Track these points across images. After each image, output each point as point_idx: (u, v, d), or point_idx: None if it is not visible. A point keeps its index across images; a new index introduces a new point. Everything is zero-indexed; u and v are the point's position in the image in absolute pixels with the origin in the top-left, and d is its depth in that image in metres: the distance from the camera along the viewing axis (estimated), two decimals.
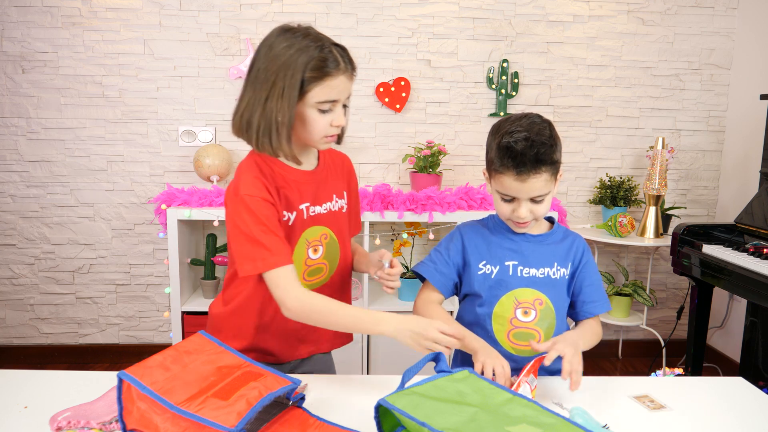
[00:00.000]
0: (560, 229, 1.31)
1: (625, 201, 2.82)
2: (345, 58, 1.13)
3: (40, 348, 2.94)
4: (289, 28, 1.13)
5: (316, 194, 1.25)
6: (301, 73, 1.09)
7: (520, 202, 1.18)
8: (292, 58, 1.09)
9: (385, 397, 0.81)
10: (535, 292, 1.23)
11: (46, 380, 1.12)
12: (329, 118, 1.16)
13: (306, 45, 1.09)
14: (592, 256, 1.31)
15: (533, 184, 1.15)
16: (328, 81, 1.11)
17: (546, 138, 1.15)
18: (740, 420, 1.05)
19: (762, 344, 2.41)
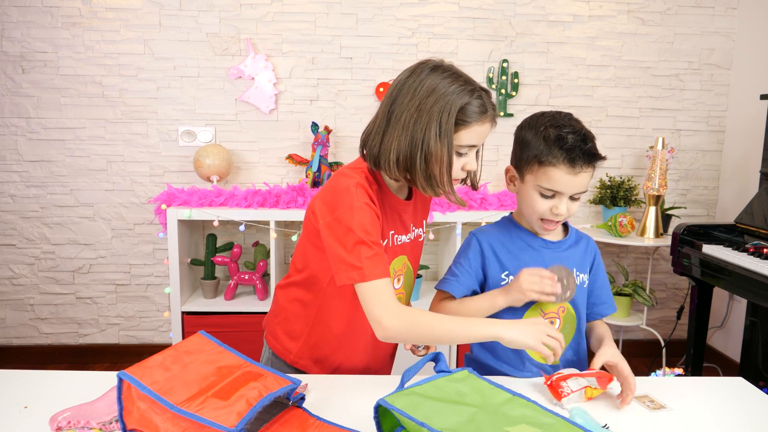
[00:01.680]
0: (573, 231, 1.30)
1: (625, 201, 2.82)
2: (491, 105, 1.12)
3: (40, 348, 2.94)
4: (439, 66, 1.12)
5: (404, 223, 1.25)
6: (455, 115, 1.08)
7: (562, 198, 1.16)
8: (449, 100, 1.07)
9: (384, 397, 0.81)
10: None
11: (46, 380, 1.12)
12: (463, 162, 1.14)
13: (459, 88, 1.08)
14: (601, 257, 1.32)
15: (583, 178, 1.15)
16: (475, 126, 1.10)
17: (590, 135, 1.17)
18: (740, 420, 1.05)
19: (762, 344, 2.41)
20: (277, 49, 2.79)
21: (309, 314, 1.25)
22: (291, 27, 2.78)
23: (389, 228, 1.20)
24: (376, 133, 1.15)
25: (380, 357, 1.33)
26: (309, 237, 1.20)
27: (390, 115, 1.13)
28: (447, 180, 1.11)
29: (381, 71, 2.83)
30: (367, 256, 1.06)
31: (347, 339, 1.25)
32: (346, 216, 1.08)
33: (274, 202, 2.54)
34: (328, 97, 2.84)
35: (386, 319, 1.04)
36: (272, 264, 2.55)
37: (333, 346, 1.25)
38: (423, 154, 1.09)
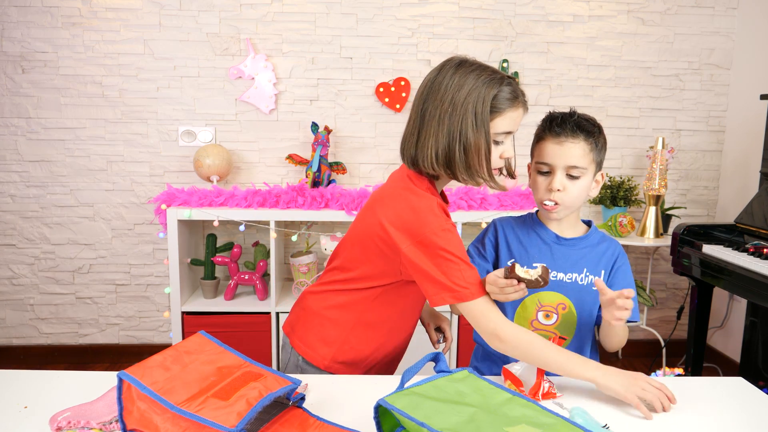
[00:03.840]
0: (597, 233, 1.30)
1: (625, 201, 2.82)
2: (520, 91, 1.16)
3: (40, 348, 2.94)
4: (465, 61, 1.17)
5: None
6: (489, 104, 1.11)
7: (555, 172, 1.19)
8: (481, 89, 1.11)
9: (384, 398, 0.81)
10: (559, 296, 1.23)
11: (46, 380, 1.12)
12: (500, 150, 1.16)
13: (488, 78, 1.12)
14: (628, 264, 1.28)
15: (570, 149, 1.17)
16: (509, 113, 1.13)
17: (589, 118, 1.22)
18: (740, 420, 1.05)
19: (762, 344, 2.41)
20: (277, 49, 2.79)
21: (347, 319, 1.25)
22: (291, 27, 2.78)
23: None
24: (411, 134, 1.18)
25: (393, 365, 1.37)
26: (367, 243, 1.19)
27: (423, 114, 1.15)
28: (487, 169, 1.13)
29: (381, 71, 2.83)
30: (467, 276, 1.10)
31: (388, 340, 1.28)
32: (439, 239, 1.10)
33: (274, 202, 2.54)
34: (328, 97, 2.84)
35: (504, 332, 1.09)
36: (272, 264, 2.55)
37: (372, 347, 1.27)
38: (462, 146, 1.11)
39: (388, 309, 1.24)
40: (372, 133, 2.88)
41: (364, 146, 2.89)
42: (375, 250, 1.17)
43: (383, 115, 2.87)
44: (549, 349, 1.09)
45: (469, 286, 1.10)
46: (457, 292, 1.09)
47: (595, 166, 1.22)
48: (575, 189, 1.19)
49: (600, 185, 1.27)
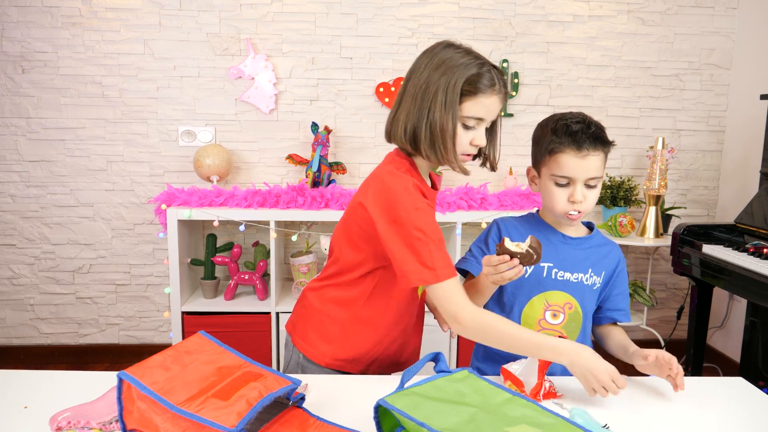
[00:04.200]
0: (599, 235, 1.32)
1: (625, 201, 2.82)
2: (501, 80, 1.15)
3: (40, 348, 2.94)
4: (452, 44, 1.16)
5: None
6: (461, 87, 1.12)
7: (576, 184, 1.19)
8: (455, 71, 1.12)
9: (384, 398, 0.81)
10: (566, 295, 1.24)
11: (46, 380, 1.12)
12: (471, 135, 1.16)
13: (468, 61, 1.12)
14: (626, 267, 1.33)
15: (592, 162, 1.18)
16: (481, 98, 1.13)
17: (598, 123, 1.22)
18: (740, 420, 1.05)
19: (762, 344, 2.41)
20: (277, 49, 2.79)
21: (345, 316, 1.25)
22: (291, 27, 2.78)
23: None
24: (392, 110, 1.22)
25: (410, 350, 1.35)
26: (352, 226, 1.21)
27: (404, 91, 1.18)
28: (451, 149, 1.14)
29: (381, 71, 2.83)
30: (438, 256, 1.10)
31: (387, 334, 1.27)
32: (410, 217, 1.10)
33: (274, 202, 2.54)
34: (328, 97, 2.84)
35: (462, 315, 1.09)
36: (272, 264, 2.55)
37: (371, 344, 1.26)
38: (429, 125, 1.13)
39: (383, 304, 1.25)
40: (372, 133, 2.88)
41: (364, 146, 2.89)
42: (359, 232, 1.19)
43: (383, 115, 2.87)
44: (514, 334, 1.09)
45: (436, 267, 1.09)
46: (423, 273, 1.09)
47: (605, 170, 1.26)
48: (593, 196, 1.22)
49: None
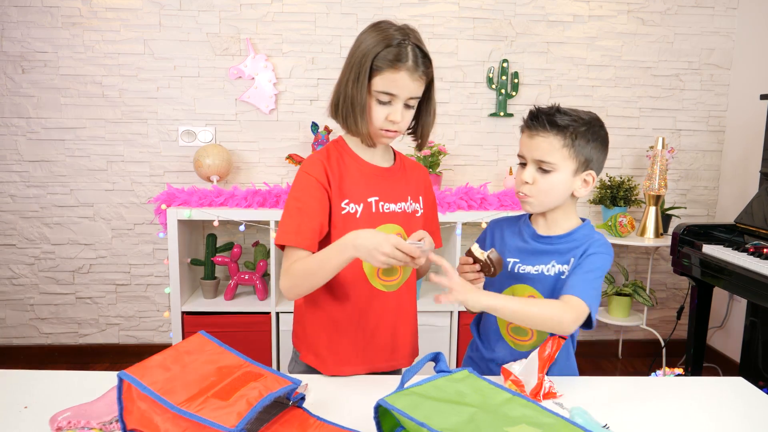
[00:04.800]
0: (581, 232, 1.22)
1: (625, 201, 2.82)
2: (418, 58, 1.15)
3: (40, 348, 2.94)
4: (383, 21, 1.20)
5: (388, 191, 1.25)
6: (371, 60, 1.15)
7: (528, 164, 1.18)
8: (369, 46, 1.17)
9: (384, 398, 0.81)
10: (528, 288, 1.22)
11: (46, 380, 1.12)
12: (386, 111, 1.17)
13: (384, 37, 1.16)
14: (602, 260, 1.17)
15: (539, 143, 1.16)
16: (389, 73, 1.15)
17: (578, 116, 1.16)
18: (740, 420, 1.05)
19: (762, 344, 2.41)
20: (277, 49, 2.79)
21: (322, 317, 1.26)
22: (291, 27, 2.78)
23: (368, 194, 1.23)
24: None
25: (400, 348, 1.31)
26: None
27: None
28: (363, 123, 1.18)
29: None
30: (289, 222, 1.18)
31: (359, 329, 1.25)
32: (293, 188, 1.22)
33: (274, 202, 2.54)
34: (328, 97, 2.82)
35: (281, 281, 1.17)
36: (272, 264, 2.55)
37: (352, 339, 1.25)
38: (343, 98, 1.19)
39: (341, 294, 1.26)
40: None
41: None
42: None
43: None
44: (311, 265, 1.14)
45: (288, 231, 1.16)
46: (278, 234, 1.18)
47: (577, 164, 1.16)
48: (545, 183, 1.17)
49: (590, 186, 1.19)
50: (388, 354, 1.29)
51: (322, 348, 1.25)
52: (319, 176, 1.20)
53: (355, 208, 1.21)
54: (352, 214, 1.21)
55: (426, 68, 1.17)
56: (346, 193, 1.21)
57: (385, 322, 1.28)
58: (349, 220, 1.21)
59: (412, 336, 1.36)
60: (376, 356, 1.28)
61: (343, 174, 1.22)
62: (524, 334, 1.23)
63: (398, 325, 1.30)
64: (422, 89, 1.19)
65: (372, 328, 1.26)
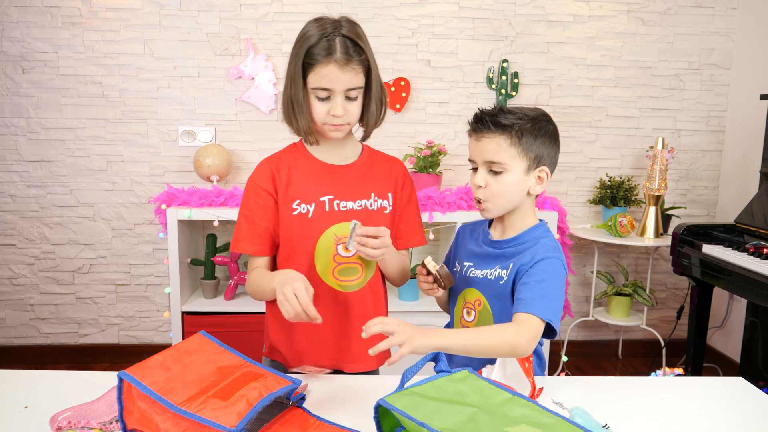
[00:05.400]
0: (531, 235, 1.18)
1: (625, 201, 2.82)
2: (349, 49, 1.14)
3: (40, 348, 2.94)
4: (319, 17, 1.19)
5: (345, 188, 1.25)
6: (302, 58, 1.15)
7: (479, 167, 1.16)
8: (301, 44, 1.16)
9: (384, 398, 0.81)
10: (475, 292, 1.21)
11: (46, 380, 1.12)
12: (327, 107, 1.17)
13: (312, 33, 1.15)
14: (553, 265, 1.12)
15: (486, 144, 1.13)
16: (318, 69, 1.14)
17: (523, 114, 1.13)
18: (740, 420, 1.05)
19: (762, 344, 2.41)
20: (277, 49, 2.79)
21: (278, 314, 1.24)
22: (291, 27, 2.77)
23: (320, 193, 1.23)
24: None
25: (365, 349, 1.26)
26: None
27: None
28: (304, 121, 1.19)
29: (381, 71, 2.81)
30: (240, 229, 1.24)
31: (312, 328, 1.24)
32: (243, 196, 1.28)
33: None
34: None
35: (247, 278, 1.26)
36: None
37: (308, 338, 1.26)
38: (286, 99, 1.20)
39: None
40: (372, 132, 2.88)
41: None
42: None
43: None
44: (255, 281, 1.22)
45: (238, 239, 1.24)
46: (231, 242, 1.25)
47: (528, 161, 1.13)
48: (498, 185, 1.14)
49: (544, 182, 1.17)
50: (351, 354, 1.27)
51: (282, 345, 1.28)
52: (263, 182, 1.23)
53: (306, 208, 1.21)
54: (304, 214, 1.21)
55: (359, 57, 1.16)
56: (296, 194, 1.22)
57: (344, 322, 1.26)
58: (302, 221, 1.21)
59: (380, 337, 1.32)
60: (338, 356, 1.27)
61: (292, 175, 1.23)
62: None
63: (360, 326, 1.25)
64: (360, 79, 1.18)
65: (329, 327, 1.25)
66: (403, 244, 1.33)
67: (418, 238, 1.34)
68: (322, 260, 1.23)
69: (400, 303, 2.64)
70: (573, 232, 2.78)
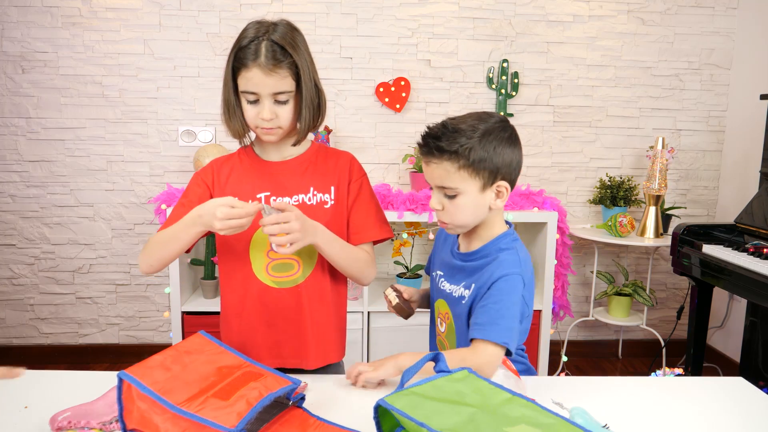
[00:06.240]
0: (492, 248, 1.14)
1: (625, 201, 2.82)
2: (276, 53, 1.14)
3: (40, 348, 2.94)
4: (260, 21, 1.20)
5: (283, 185, 1.24)
6: (231, 62, 1.17)
7: (434, 191, 1.13)
8: (233, 46, 1.17)
9: (384, 398, 0.81)
10: (445, 305, 1.21)
11: (46, 380, 1.12)
12: (257, 110, 1.17)
13: (246, 36, 1.16)
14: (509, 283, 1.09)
15: (434, 170, 1.09)
16: (243, 73, 1.15)
17: (471, 130, 1.06)
18: (740, 420, 1.05)
19: (762, 344, 2.41)
20: None
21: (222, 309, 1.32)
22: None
23: (256, 190, 1.25)
24: None
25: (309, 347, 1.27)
26: None
27: None
28: (235, 123, 1.21)
29: (381, 71, 2.83)
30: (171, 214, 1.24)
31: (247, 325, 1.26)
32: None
33: None
34: (328, 97, 2.82)
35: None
36: None
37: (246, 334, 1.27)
38: (222, 100, 1.22)
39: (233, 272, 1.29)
40: (372, 133, 2.88)
41: (364, 146, 2.89)
42: None
43: (383, 115, 2.87)
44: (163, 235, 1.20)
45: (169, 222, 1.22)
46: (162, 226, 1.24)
47: (482, 179, 1.08)
48: (453, 208, 1.10)
49: (505, 196, 1.11)
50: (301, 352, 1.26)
51: (225, 340, 1.29)
52: (204, 175, 1.27)
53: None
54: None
55: (285, 60, 1.15)
56: (233, 192, 1.23)
57: (279, 320, 1.25)
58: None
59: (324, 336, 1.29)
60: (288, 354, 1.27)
61: (232, 174, 1.26)
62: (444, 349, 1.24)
63: (302, 323, 1.25)
64: (288, 83, 1.16)
65: (265, 325, 1.25)
66: (359, 239, 1.28)
67: (376, 232, 1.29)
68: (256, 257, 1.24)
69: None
70: (573, 232, 2.78)
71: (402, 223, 2.73)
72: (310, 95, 1.20)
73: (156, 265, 1.21)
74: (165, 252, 1.19)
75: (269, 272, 1.23)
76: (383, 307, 2.58)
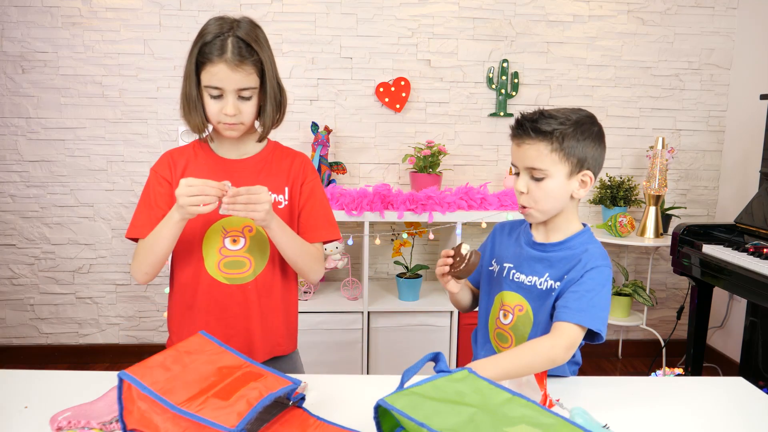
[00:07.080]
0: (579, 238, 1.19)
1: (625, 201, 2.82)
2: (242, 49, 1.15)
3: (40, 348, 2.94)
4: (221, 17, 1.19)
5: (238, 183, 1.22)
6: (195, 56, 1.16)
7: (521, 173, 1.17)
8: (196, 41, 1.16)
9: (384, 398, 0.81)
10: (518, 297, 1.21)
11: (46, 380, 1.12)
12: (220, 105, 1.18)
13: (209, 31, 1.15)
14: (602, 275, 1.14)
15: (526, 151, 1.13)
16: (208, 67, 1.15)
17: (565, 117, 1.13)
18: (740, 420, 1.05)
19: (762, 344, 2.41)
20: (277, 49, 2.78)
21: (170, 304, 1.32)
22: (291, 27, 2.78)
23: None
24: None
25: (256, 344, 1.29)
26: None
27: None
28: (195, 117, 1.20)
29: (381, 71, 2.83)
30: (134, 216, 1.24)
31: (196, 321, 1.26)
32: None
33: None
34: (328, 97, 2.84)
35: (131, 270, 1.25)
36: None
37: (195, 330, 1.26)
38: (182, 94, 1.21)
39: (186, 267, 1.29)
40: (372, 133, 2.88)
41: (364, 146, 2.89)
42: None
43: (383, 115, 2.87)
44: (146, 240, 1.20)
45: (135, 225, 1.23)
46: (128, 229, 1.25)
47: (570, 166, 1.13)
48: (539, 191, 1.14)
49: (588, 186, 1.16)
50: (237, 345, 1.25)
51: (174, 335, 1.30)
52: (162, 171, 1.26)
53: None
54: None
55: (251, 58, 1.16)
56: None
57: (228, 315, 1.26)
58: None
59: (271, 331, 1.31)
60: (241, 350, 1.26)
61: (188, 168, 1.25)
62: (505, 341, 1.24)
63: (250, 319, 1.27)
64: (253, 80, 1.18)
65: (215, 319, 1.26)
66: (309, 238, 1.30)
67: (325, 233, 1.31)
68: (208, 253, 1.24)
69: (401, 303, 2.63)
70: None
71: (402, 223, 2.73)
72: (273, 92, 1.22)
73: (150, 271, 1.22)
74: (153, 255, 1.19)
75: (221, 269, 1.24)
76: (383, 307, 2.58)
